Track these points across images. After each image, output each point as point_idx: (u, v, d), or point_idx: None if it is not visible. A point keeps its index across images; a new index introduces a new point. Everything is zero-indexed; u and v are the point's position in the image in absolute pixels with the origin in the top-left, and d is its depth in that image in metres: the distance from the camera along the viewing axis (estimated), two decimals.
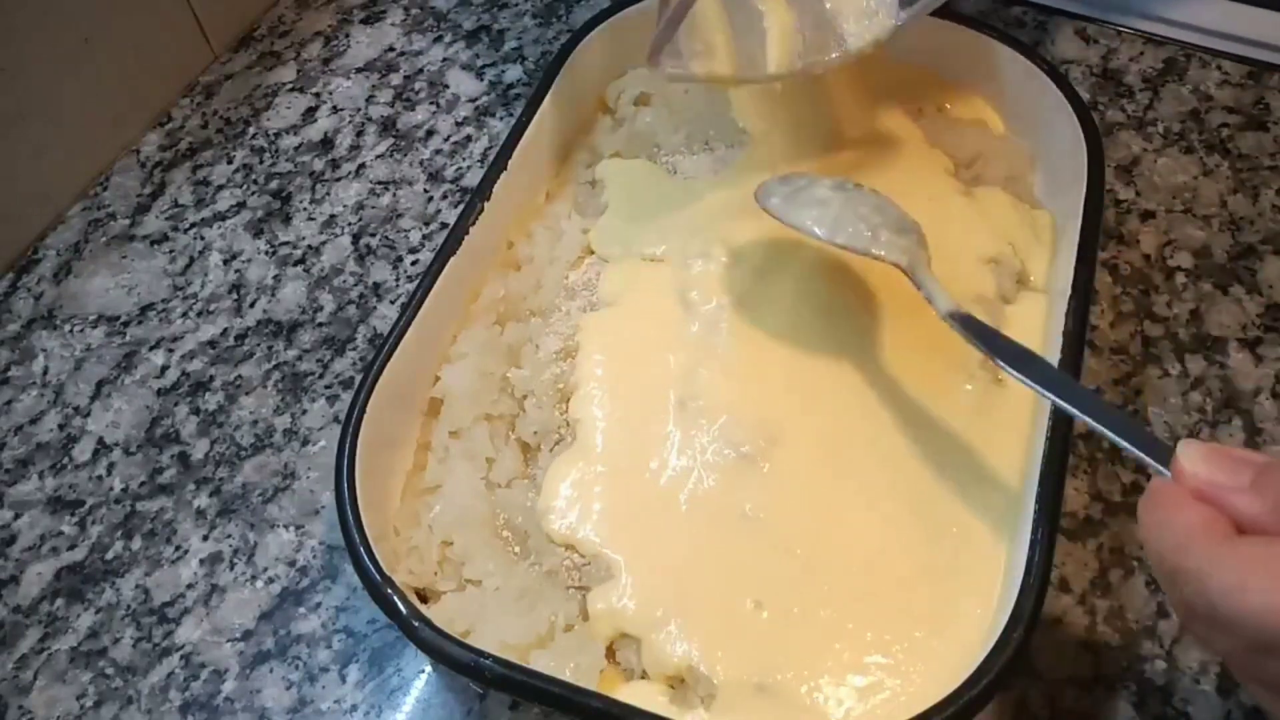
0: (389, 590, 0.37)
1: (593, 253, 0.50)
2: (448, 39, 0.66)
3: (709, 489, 0.42)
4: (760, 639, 0.38)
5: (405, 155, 0.60)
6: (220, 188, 0.59)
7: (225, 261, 0.56)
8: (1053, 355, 0.43)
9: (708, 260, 0.48)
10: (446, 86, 0.63)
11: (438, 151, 0.60)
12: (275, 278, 0.55)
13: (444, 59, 0.65)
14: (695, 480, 0.42)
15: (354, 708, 0.42)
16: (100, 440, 0.50)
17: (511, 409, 0.45)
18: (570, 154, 0.54)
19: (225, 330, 0.53)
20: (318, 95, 0.63)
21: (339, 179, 0.59)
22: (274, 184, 0.59)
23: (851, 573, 0.40)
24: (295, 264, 0.56)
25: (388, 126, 0.62)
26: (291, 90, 0.64)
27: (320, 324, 0.53)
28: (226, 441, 0.49)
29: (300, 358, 0.52)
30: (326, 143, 0.61)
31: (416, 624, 0.36)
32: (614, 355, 0.46)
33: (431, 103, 0.63)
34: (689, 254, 0.48)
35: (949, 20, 0.54)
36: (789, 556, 0.40)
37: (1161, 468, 0.30)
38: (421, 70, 0.64)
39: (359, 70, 0.65)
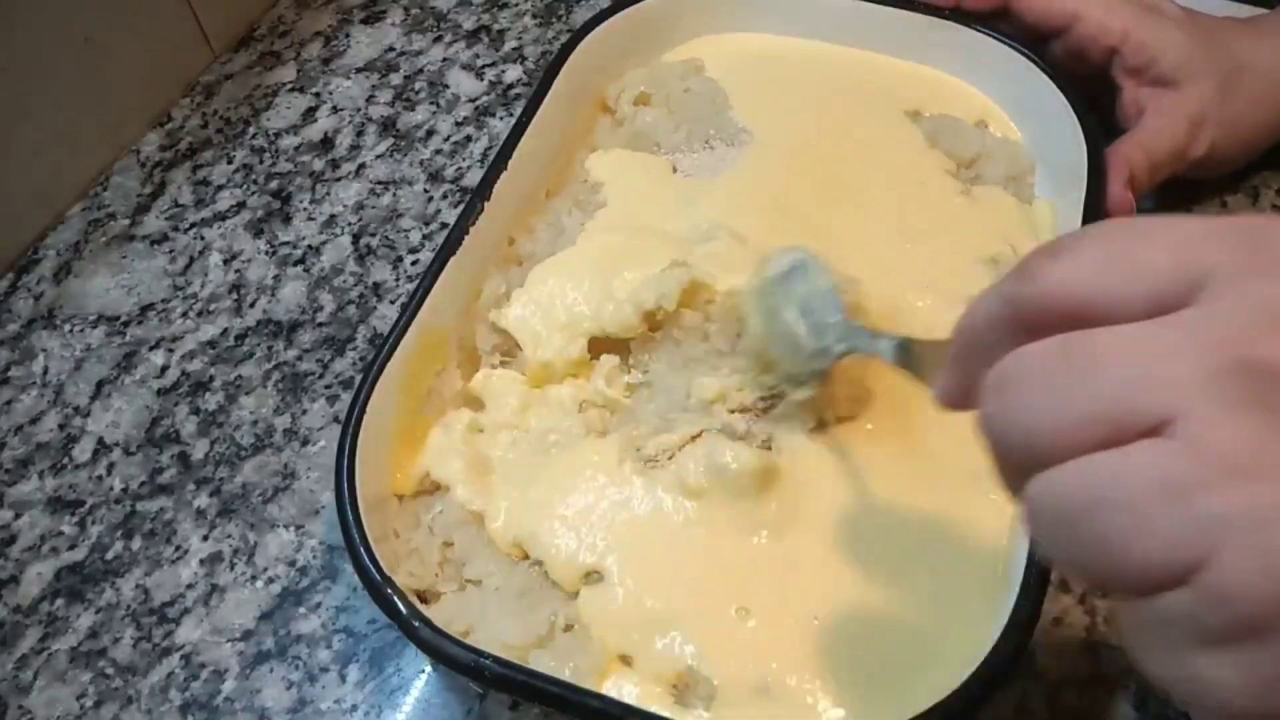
0: (389, 590, 0.37)
1: None
2: (448, 39, 0.66)
3: (709, 491, 0.41)
4: (758, 641, 0.38)
5: (405, 155, 0.60)
6: (220, 188, 0.59)
7: (225, 261, 0.56)
8: None
9: (713, 243, 0.48)
10: (447, 86, 0.63)
11: (438, 151, 0.60)
12: (275, 278, 0.55)
13: (444, 59, 0.65)
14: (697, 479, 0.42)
15: (354, 708, 0.42)
16: (100, 440, 0.50)
17: None
18: (571, 154, 0.54)
19: (225, 330, 0.53)
20: (318, 95, 0.63)
21: (339, 179, 0.59)
22: (274, 184, 0.59)
23: (851, 574, 0.39)
24: (295, 264, 0.56)
25: (388, 126, 0.62)
26: (291, 90, 0.64)
27: (320, 324, 0.53)
28: (226, 441, 0.49)
29: (300, 358, 0.52)
30: (326, 143, 0.61)
31: (416, 624, 0.36)
32: None
33: (432, 103, 0.63)
34: (693, 240, 0.48)
35: (950, 20, 0.54)
36: (787, 558, 0.40)
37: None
38: (422, 70, 0.64)
39: (359, 70, 0.65)
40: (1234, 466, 0.20)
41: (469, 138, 0.61)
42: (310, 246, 0.56)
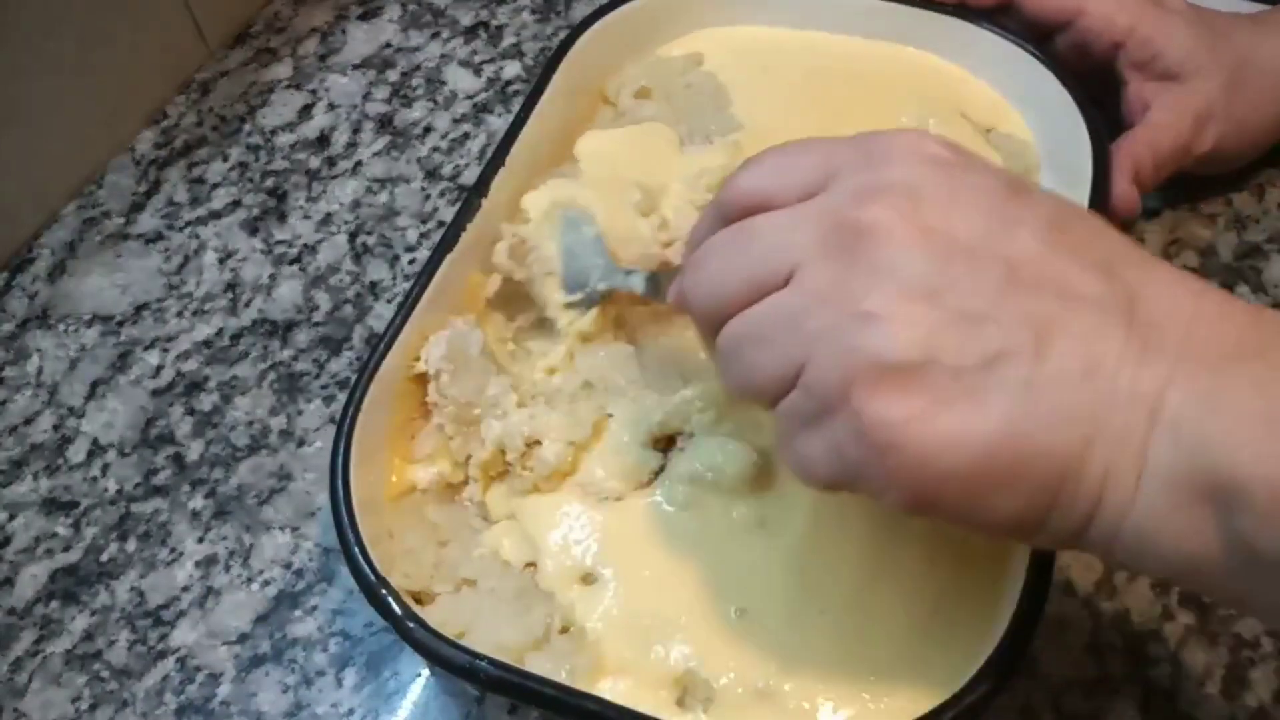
0: (384, 592, 0.36)
1: None
2: (445, 35, 0.65)
3: (704, 492, 0.41)
4: (757, 642, 0.38)
5: (402, 152, 0.60)
6: (216, 186, 0.59)
7: (220, 260, 0.56)
8: None
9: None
10: (444, 83, 0.63)
11: (435, 149, 0.60)
12: (271, 277, 0.55)
13: (441, 55, 0.64)
14: (690, 482, 0.41)
15: (351, 711, 0.42)
16: (95, 441, 0.49)
17: None
18: (570, 151, 0.53)
19: (220, 330, 0.53)
20: (314, 92, 0.63)
21: (335, 176, 0.59)
22: (270, 182, 0.59)
23: (851, 576, 0.39)
24: (291, 263, 0.55)
25: (385, 123, 0.61)
26: (288, 87, 0.63)
27: (316, 323, 0.53)
28: (221, 442, 0.49)
29: (296, 358, 0.52)
30: (323, 140, 0.61)
31: (411, 625, 0.36)
32: None
33: (429, 99, 0.62)
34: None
35: (951, 17, 0.54)
36: (788, 561, 0.39)
37: None
38: (419, 67, 0.64)
39: (356, 67, 0.64)
40: (823, 296, 0.28)
41: (467, 135, 0.60)
42: (306, 245, 0.56)
